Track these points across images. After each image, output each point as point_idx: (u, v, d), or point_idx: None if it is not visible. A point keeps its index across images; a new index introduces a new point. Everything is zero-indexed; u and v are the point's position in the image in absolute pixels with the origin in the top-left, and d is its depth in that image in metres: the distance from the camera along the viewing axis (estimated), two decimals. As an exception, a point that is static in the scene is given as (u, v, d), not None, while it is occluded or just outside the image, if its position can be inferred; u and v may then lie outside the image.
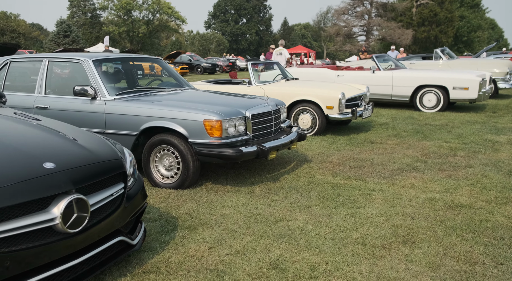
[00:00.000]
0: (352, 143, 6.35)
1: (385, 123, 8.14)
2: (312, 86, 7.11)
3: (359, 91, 7.27)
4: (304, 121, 6.92)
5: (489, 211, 3.50)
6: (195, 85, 7.63)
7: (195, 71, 30.12)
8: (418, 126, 7.72)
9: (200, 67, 30.15)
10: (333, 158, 5.40)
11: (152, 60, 5.73)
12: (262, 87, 7.12)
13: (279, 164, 5.14)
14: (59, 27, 49.25)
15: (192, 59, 31.07)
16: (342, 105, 6.68)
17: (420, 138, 6.66)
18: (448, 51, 13.28)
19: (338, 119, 6.71)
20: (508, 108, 9.98)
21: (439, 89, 9.45)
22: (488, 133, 6.92)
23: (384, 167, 4.96)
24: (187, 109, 4.05)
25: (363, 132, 7.19)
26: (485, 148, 5.90)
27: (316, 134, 6.85)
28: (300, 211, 3.56)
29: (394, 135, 6.90)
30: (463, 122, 8.13)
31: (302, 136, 4.93)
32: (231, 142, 4.02)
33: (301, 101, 6.90)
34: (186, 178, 4.07)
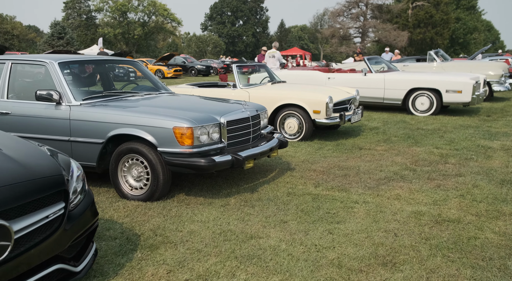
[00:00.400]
0: (340, 149, 6.08)
1: (376, 127, 7.88)
2: (299, 89, 6.85)
3: (348, 94, 7.01)
4: (291, 126, 6.65)
5: (478, 226, 3.24)
6: (178, 89, 7.37)
7: (189, 73, 29.85)
8: (409, 131, 7.47)
9: (194, 69, 29.87)
10: (317, 165, 5.14)
11: (128, 63, 5.45)
12: (247, 91, 6.86)
13: (259, 172, 4.86)
14: (53, 29, 48.88)
15: (186, 61, 30.80)
16: (329, 110, 6.42)
17: (411, 144, 6.41)
18: (442, 53, 13.06)
19: (325, 124, 6.45)
20: (502, 111, 9.75)
21: (432, 92, 9.21)
22: (481, 139, 6.67)
23: (370, 175, 4.69)
24: (157, 115, 3.78)
25: (352, 137, 6.93)
26: (477, 154, 5.65)
27: (302, 140, 6.59)
28: (275, 227, 3.28)
29: (384, 141, 6.64)
30: (456, 126, 7.88)
31: (283, 144, 4.66)
32: (204, 150, 3.75)
33: (287, 106, 6.64)
34: (156, 190, 3.80)
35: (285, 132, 6.72)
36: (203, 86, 7.60)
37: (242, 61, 7.37)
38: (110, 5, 60.83)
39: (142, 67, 5.34)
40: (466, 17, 52.22)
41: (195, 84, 7.57)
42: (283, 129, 6.73)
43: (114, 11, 60.67)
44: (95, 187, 4.30)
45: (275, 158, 5.46)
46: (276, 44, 13.51)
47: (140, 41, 65.23)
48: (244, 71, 7.17)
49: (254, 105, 4.72)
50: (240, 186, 4.33)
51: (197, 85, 7.59)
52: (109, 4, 61.13)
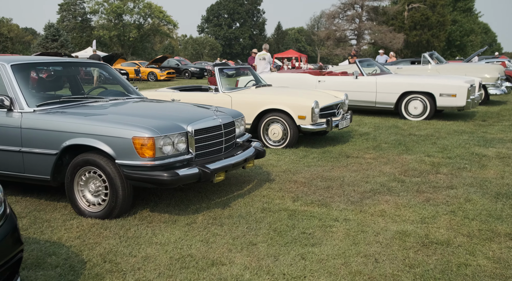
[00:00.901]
0: (326, 157, 5.73)
1: (366, 133, 7.53)
2: (284, 93, 6.50)
3: (335, 99, 6.66)
4: (275, 133, 6.29)
5: (470, 250, 2.88)
6: (158, 93, 7.01)
7: (182, 75, 29.48)
8: (401, 137, 7.12)
9: (187, 71, 29.50)
10: (299, 176, 4.78)
11: (97, 66, 5.09)
12: (229, 95, 6.50)
13: (235, 184, 4.50)
14: (47, 31, 48.44)
15: (180, 63, 30.43)
16: (315, 115, 6.06)
17: (401, 151, 6.06)
18: (437, 55, 12.74)
19: (311, 130, 6.09)
20: (498, 116, 9.42)
21: (425, 96, 8.88)
22: (475, 146, 6.32)
23: (354, 187, 4.33)
24: (115, 124, 3.41)
25: (340, 144, 6.58)
26: (471, 163, 5.30)
27: (287, 147, 6.23)
28: (242, 250, 2.92)
29: (374, 148, 6.29)
30: (449, 132, 7.54)
31: (260, 153, 4.30)
32: (168, 163, 3.38)
33: (271, 111, 6.28)
34: (115, 206, 3.43)
35: (269, 139, 6.37)
36: (185, 90, 7.24)
37: (225, 64, 7.01)
38: (106, 7, 60.37)
39: (112, 70, 4.97)
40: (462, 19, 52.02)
41: (176, 88, 7.21)
42: (267, 136, 6.37)
43: (109, 13, 60.22)
44: (52, 201, 3.92)
45: (254, 168, 5.10)
46: (266, 46, 13.17)
47: (136, 44, 64.78)
48: (224, 75, 6.81)
49: (229, 111, 4.36)
50: (212, 200, 3.96)
51: (178, 89, 7.23)
52: (104, 6, 60.68)
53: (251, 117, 6.35)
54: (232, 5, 79.57)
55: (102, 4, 60.36)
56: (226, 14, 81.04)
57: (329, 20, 35.80)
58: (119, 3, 60.37)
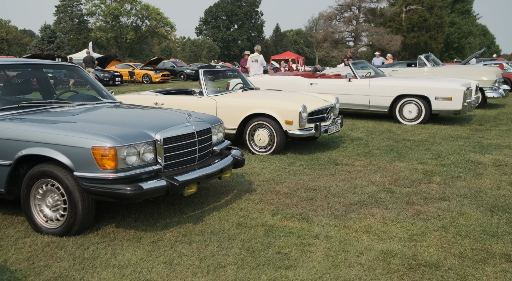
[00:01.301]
0: (313, 164, 5.43)
1: (358, 138, 7.25)
2: (270, 97, 6.21)
3: (325, 103, 6.37)
4: (261, 138, 6.00)
5: (461, 275, 2.59)
6: (141, 96, 6.73)
7: (178, 77, 29.21)
8: (394, 143, 6.83)
9: (183, 73, 29.24)
10: (283, 185, 4.48)
11: (67, 68, 4.79)
12: (213, 99, 6.21)
13: (213, 195, 4.20)
14: (43, 33, 48.14)
15: (175, 65, 30.16)
16: (303, 120, 5.77)
17: (393, 158, 5.77)
18: (433, 57, 12.48)
19: (298, 136, 5.80)
20: (496, 120, 9.14)
21: (420, 99, 8.59)
22: (471, 152, 6.04)
23: (340, 199, 4.04)
24: (74, 132, 3.11)
25: (329, 150, 6.29)
26: (466, 171, 5.01)
27: (274, 154, 5.94)
28: (208, 274, 2.62)
29: (364, 154, 6.00)
30: (445, 137, 7.25)
31: (239, 162, 4.01)
32: (132, 175, 3.09)
33: (257, 115, 5.99)
34: (74, 222, 3.13)
35: (255, 145, 6.07)
36: (169, 93, 6.95)
37: (210, 66, 6.73)
38: (103, 9, 60.11)
39: (84, 73, 4.68)
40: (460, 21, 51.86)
41: (160, 91, 6.92)
42: (253, 142, 6.08)
43: (107, 15, 59.95)
44: (10, 215, 3.62)
45: (236, 177, 4.80)
46: (258, 47, 12.89)
47: (133, 46, 64.50)
48: (209, 77, 6.52)
49: (206, 117, 4.06)
50: (184, 214, 3.66)
51: (162, 92, 6.95)
52: (101, 8, 60.42)
53: (236, 122, 6.06)
54: (230, 7, 79.46)
55: (99, 6, 60.12)
56: (224, 16, 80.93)
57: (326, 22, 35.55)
58: (116, 4, 60.12)
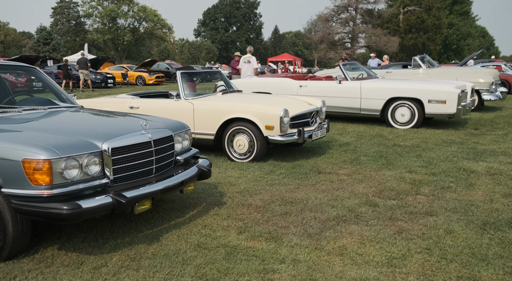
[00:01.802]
0: (294, 173, 5.06)
1: (347, 143, 6.87)
2: (250, 101, 5.84)
3: (309, 106, 6.00)
4: (240, 145, 5.62)
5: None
6: (116, 99, 6.37)
7: (172, 79, 28.82)
8: (383, 148, 6.46)
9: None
10: (257, 198, 4.10)
11: (24, 69, 4.42)
12: (191, 102, 5.84)
13: (178, 209, 3.83)
14: (39, 35, 47.76)
15: (170, 67, 29.79)
16: (284, 125, 5.40)
17: (381, 165, 5.39)
18: (429, 59, 12.12)
19: (279, 142, 5.42)
20: (492, 124, 8.77)
21: (413, 102, 8.23)
22: (464, 159, 5.66)
23: (317, 214, 3.66)
24: (5, 142, 2.74)
25: (314, 156, 5.91)
26: (457, 181, 4.64)
27: (254, 161, 5.56)
28: (147, 310, 2.24)
29: (351, 161, 5.63)
30: (437, 142, 6.88)
31: (204, 174, 3.63)
32: (72, 191, 2.71)
33: (236, 120, 5.62)
34: (3, 246, 2.75)
35: (234, 152, 5.70)
36: (146, 96, 6.58)
37: (189, 68, 6.37)
38: (100, 11, 59.76)
39: (41, 75, 4.30)
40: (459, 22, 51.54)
41: (137, 94, 6.56)
42: (232, 148, 5.70)
43: (103, 16, 59.60)
44: None
45: (208, 187, 4.43)
46: (250, 48, 12.52)
47: (130, 47, 64.18)
48: (187, 79, 6.15)
49: (169, 123, 3.69)
50: (140, 232, 3.29)
51: (139, 95, 6.58)
52: (98, 10, 60.07)
53: (214, 127, 5.69)
54: (228, 9, 79.27)
55: (96, 7, 59.78)
56: (222, 18, 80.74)
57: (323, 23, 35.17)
58: (113, 6, 59.81)
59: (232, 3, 79.81)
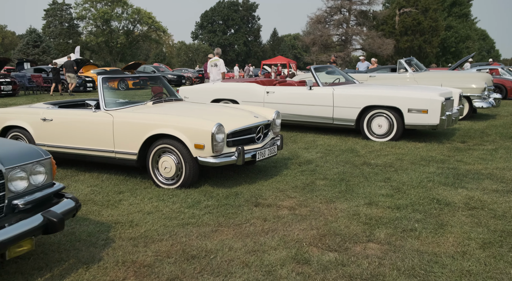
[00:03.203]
0: (225, 205, 4.03)
1: (309, 161, 5.84)
2: (181, 113, 4.82)
3: (254, 120, 4.96)
4: (166, 167, 4.59)
5: None
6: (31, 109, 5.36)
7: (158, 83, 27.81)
8: (349, 169, 5.43)
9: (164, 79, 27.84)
10: (152, 248, 3.07)
11: None
12: (111, 114, 4.82)
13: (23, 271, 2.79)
14: (29, 37, 46.75)
15: (157, 70, 28.80)
16: (218, 144, 4.37)
17: (337, 194, 4.36)
18: (416, 61, 11.09)
19: (212, 165, 4.39)
20: (482, 135, 7.73)
21: (391, 111, 7.19)
22: (441, 185, 4.62)
23: (218, 278, 2.63)
24: None
25: (262, 179, 4.88)
26: (425, 218, 3.60)
27: (182, 187, 4.53)
28: None
29: (303, 188, 4.60)
30: (415, 160, 5.84)
31: (52, 225, 2.58)
32: None
33: (162, 137, 4.59)
34: None
35: (160, 175, 4.67)
36: (65, 106, 5.57)
37: (113, 72, 5.35)
38: (93, 13, 58.79)
39: None
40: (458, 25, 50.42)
41: (54, 104, 5.55)
42: (157, 171, 4.67)
43: (97, 19, 58.64)
44: None
45: (96, 230, 3.38)
46: (218, 50, 11.49)
47: (125, 50, 63.19)
48: (110, 86, 5.14)
49: (9, 151, 2.65)
50: None
51: (58, 104, 5.57)
52: (91, 12, 59.10)
53: (136, 145, 4.67)
54: (226, 11, 78.56)
55: (89, 9, 58.79)
56: (220, 20, 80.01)
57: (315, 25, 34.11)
58: (107, 8, 58.84)
59: (230, 6, 79.08)
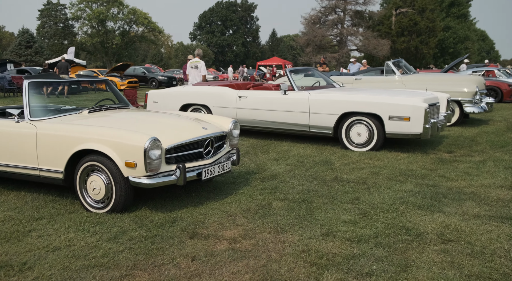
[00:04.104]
0: (154, 236, 3.39)
1: (274, 176, 5.20)
2: (114, 124, 4.18)
3: (202, 132, 4.30)
4: (95, 188, 3.94)
5: None
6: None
7: (149, 84, 27.23)
8: (317, 186, 4.79)
9: (155, 80, 27.26)
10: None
11: None
12: (34, 125, 4.19)
13: None
14: (21, 38, 46.09)
15: (147, 72, 28.19)
16: (153, 162, 3.73)
17: (293, 221, 3.71)
18: (405, 63, 10.45)
19: (146, 186, 3.75)
20: (472, 144, 7.08)
21: (371, 118, 6.55)
22: (415, 208, 3.98)
23: None
24: None
25: (212, 200, 4.24)
26: (388, 256, 2.95)
27: (112, 212, 3.89)
28: None
29: (256, 212, 3.96)
30: (392, 175, 5.20)
31: None
32: None
33: (90, 152, 3.94)
34: None
35: (88, 197, 4.02)
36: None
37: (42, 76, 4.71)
38: (88, 13, 58.09)
39: None
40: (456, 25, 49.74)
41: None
42: (86, 192, 4.03)
43: (92, 19, 57.95)
44: None
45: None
46: (199, 51, 10.86)
47: (120, 51, 62.48)
48: (37, 92, 4.50)
49: None
50: None
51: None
52: (87, 13, 58.40)
53: (62, 162, 4.02)
54: (225, 12, 78.06)
55: (84, 10, 58.09)
56: (219, 21, 79.51)
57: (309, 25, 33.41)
58: (102, 9, 58.15)
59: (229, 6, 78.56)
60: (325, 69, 16.78)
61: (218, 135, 4.51)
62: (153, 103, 8.51)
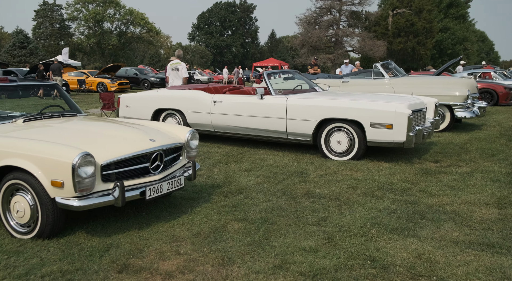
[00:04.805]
0: (81, 271, 2.90)
1: (240, 190, 4.71)
2: (45, 137, 3.68)
3: (148, 145, 3.81)
4: (19, 210, 3.45)
5: None
6: None
7: (141, 86, 26.72)
8: (283, 203, 4.30)
9: (147, 81, 26.75)
10: None
11: None
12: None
13: None
14: (15, 38, 45.60)
15: (139, 73, 27.70)
16: (83, 180, 3.24)
17: (243, 250, 3.22)
18: (395, 65, 9.95)
19: (75, 208, 3.25)
20: (460, 153, 6.59)
21: (352, 125, 6.06)
22: (387, 231, 3.48)
23: None
24: None
25: (161, 221, 3.74)
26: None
27: (39, 237, 3.39)
28: None
29: (204, 238, 3.47)
30: (369, 190, 4.70)
31: None
32: None
33: (12, 169, 3.45)
34: None
35: (12, 220, 3.53)
36: None
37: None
38: (84, 14, 57.64)
39: None
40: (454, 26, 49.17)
41: None
42: (9, 214, 3.53)
43: (88, 19, 57.49)
44: None
45: None
46: (179, 53, 10.33)
47: (117, 52, 62.01)
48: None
49: None
50: None
51: None
52: (83, 13, 57.95)
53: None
54: (223, 13, 77.67)
55: (80, 10, 57.64)
56: (217, 22, 79.10)
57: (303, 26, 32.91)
58: (99, 9, 57.70)
59: (227, 7, 78.17)
60: (317, 70, 16.28)
61: (171, 147, 4.01)
62: (125, 107, 8.03)
